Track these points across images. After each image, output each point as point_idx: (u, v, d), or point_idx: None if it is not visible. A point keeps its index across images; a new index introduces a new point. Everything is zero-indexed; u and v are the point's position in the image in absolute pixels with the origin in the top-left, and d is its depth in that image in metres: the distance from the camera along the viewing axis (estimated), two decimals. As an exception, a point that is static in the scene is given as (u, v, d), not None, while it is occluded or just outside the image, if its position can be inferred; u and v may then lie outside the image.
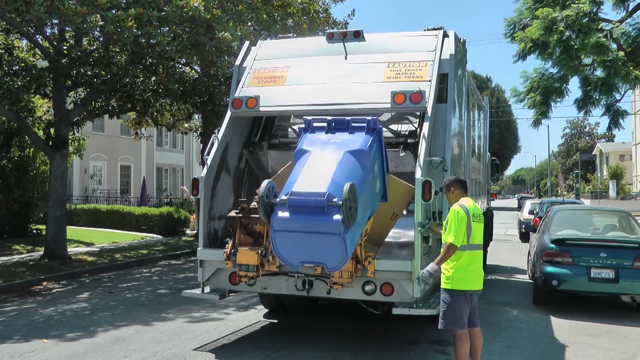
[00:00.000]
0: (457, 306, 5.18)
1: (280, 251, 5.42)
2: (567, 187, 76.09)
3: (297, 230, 5.25)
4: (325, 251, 5.29)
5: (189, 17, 11.25)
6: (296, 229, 5.25)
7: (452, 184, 5.60)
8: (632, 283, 8.31)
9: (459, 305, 5.19)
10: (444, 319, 5.23)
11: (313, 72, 7.32)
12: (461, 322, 5.20)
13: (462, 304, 5.20)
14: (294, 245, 5.35)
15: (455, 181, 5.63)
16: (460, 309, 5.19)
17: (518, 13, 17.64)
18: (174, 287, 10.78)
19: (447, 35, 7.31)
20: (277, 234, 5.34)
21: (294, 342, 6.79)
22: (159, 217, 20.80)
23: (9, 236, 17.60)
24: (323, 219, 5.11)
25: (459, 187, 5.56)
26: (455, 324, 5.20)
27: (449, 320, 5.21)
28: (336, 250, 5.23)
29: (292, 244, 5.35)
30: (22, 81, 11.98)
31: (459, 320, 5.19)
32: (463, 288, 5.19)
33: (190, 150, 44.46)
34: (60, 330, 7.56)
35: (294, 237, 5.30)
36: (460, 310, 5.19)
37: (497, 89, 69.27)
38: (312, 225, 5.18)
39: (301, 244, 5.31)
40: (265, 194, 5.40)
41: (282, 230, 5.32)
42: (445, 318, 5.22)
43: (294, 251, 5.40)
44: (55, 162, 13.67)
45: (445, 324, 5.23)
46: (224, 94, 15.25)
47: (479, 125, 11.15)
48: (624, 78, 15.65)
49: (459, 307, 5.19)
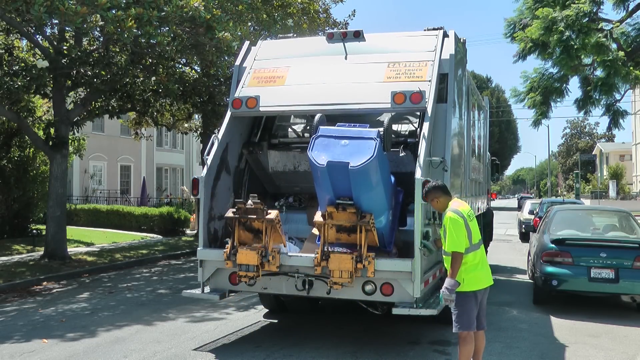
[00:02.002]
0: (469, 308, 5.16)
1: (314, 152, 5.84)
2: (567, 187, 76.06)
3: (339, 134, 5.94)
4: (354, 154, 5.70)
5: (189, 17, 11.25)
6: (338, 134, 5.95)
7: (433, 194, 5.37)
8: (632, 283, 8.30)
9: (471, 307, 5.18)
10: (459, 322, 5.17)
11: (313, 72, 7.31)
12: (474, 324, 5.21)
13: (473, 305, 5.19)
14: (329, 146, 5.85)
15: (435, 189, 5.38)
16: (472, 311, 5.18)
17: (518, 13, 17.62)
18: (174, 287, 10.78)
19: (447, 35, 7.30)
20: (319, 138, 5.94)
21: (294, 342, 6.79)
22: (159, 217, 20.81)
23: (9, 236, 17.60)
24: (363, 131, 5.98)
25: (441, 194, 5.37)
26: (469, 326, 5.18)
27: (463, 323, 5.16)
28: (366, 151, 5.70)
29: (328, 145, 5.87)
30: (22, 81, 11.97)
31: (472, 322, 5.19)
32: (475, 288, 5.18)
33: (190, 150, 44.46)
34: (60, 330, 7.56)
35: (333, 140, 5.89)
36: (472, 312, 5.18)
37: (497, 89, 69.19)
38: (353, 132, 5.96)
39: (336, 147, 5.83)
40: (319, 122, 6.47)
41: (324, 136, 5.96)
42: (460, 321, 5.16)
43: (325, 152, 5.79)
44: (55, 162, 13.67)
45: (460, 327, 5.17)
46: (224, 94, 15.25)
47: (479, 125, 11.14)
48: (624, 78, 15.63)
49: (471, 308, 5.17)
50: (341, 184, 5.70)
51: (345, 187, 5.70)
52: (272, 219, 6.05)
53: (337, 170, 5.65)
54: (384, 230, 6.16)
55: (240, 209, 6.15)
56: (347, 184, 5.68)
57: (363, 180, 5.68)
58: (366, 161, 5.60)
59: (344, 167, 5.60)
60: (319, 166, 5.71)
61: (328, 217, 5.86)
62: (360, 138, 5.87)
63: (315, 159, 5.78)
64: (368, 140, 5.81)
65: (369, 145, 5.75)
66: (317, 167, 5.74)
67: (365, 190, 5.74)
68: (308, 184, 7.00)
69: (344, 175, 5.63)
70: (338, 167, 5.64)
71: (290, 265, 6.21)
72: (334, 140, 5.91)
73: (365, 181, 5.70)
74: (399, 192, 6.54)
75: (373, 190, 5.84)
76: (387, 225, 6.23)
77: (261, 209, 6.06)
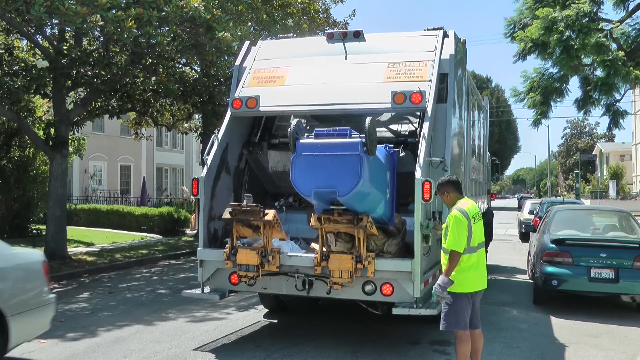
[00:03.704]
0: (459, 307, 5.16)
1: (297, 177, 5.67)
2: (567, 187, 76.07)
3: (318, 152, 5.65)
4: (340, 174, 5.50)
5: (189, 17, 11.24)
6: (318, 151, 5.66)
7: (445, 187, 5.42)
8: (632, 283, 8.31)
9: (461, 307, 5.17)
10: (446, 320, 5.21)
11: (313, 72, 7.31)
12: (463, 323, 5.19)
13: (464, 305, 5.19)
14: (311, 169, 5.63)
15: (448, 183, 5.43)
16: (462, 310, 5.17)
17: (518, 13, 17.61)
18: (174, 287, 10.79)
19: (447, 35, 7.30)
20: (298, 159, 5.69)
21: (294, 342, 6.79)
22: (159, 217, 20.81)
23: (9, 236, 17.54)
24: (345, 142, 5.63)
25: (453, 190, 5.40)
26: (457, 325, 5.18)
27: (450, 322, 5.20)
28: (351, 172, 5.48)
29: (310, 167, 5.64)
30: (22, 81, 11.97)
31: (460, 321, 5.18)
32: (465, 290, 5.18)
33: (190, 150, 44.45)
34: (60, 330, 7.55)
35: (314, 160, 5.64)
36: (462, 312, 5.18)
37: (497, 89, 69.21)
38: (334, 146, 5.64)
39: (318, 168, 5.60)
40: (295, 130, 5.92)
41: (304, 154, 5.69)
42: (447, 319, 5.20)
43: (309, 177, 5.63)
44: (55, 162, 13.67)
45: (447, 325, 5.21)
46: (224, 94, 15.24)
47: (479, 125, 11.15)
48: (624, 78, 15.63)
49: (460, 308, 5.17)
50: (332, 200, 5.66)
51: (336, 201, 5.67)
52: (269, 220, 6.04)
53: (326, 196, 5.62)
54: (384, 214, 6.15)
55: (236, 210, 6.13)
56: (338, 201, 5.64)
57: (355, 199, 5.64)
58: (354, 186, 5.47)
59: (332, 193, 5.53)
60: (306, 197, 5.70)
61: (325, 222, 5.85)
62: (342, 154, 5.59)
63: (299, 188, 5.68)
64: (352, 157, 5.54)
65: (354, 162, 5.51)
66: (304, 196, 5.71)
67: (358, 201, 5.71)
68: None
69: (334, 197, 5.59)
70: (326, 194, 5.59)
71: (290, 265, 6.21)
72: (314, 159, 5.65)
73: (357, 198, 5.65)
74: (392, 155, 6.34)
75: (367, 198, 5.78)
76: (386, 208, 6.18)
77: (257, 210, 6.03)
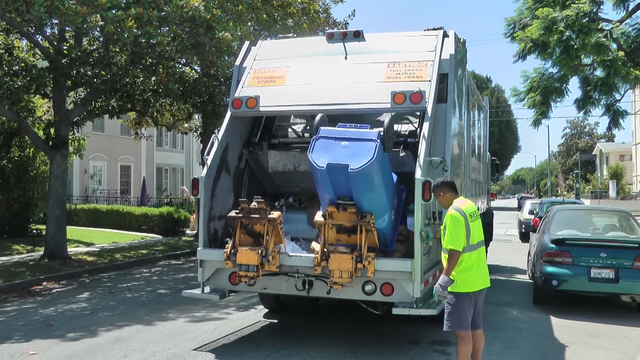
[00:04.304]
0: (461, 307, 5.16)
1: (314, 153, 5.88)
2: (567, 187, 76.05)
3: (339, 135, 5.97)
4: (355, 154, 5.73)
5: (189, 17, 11.25)
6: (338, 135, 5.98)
7: (440, 188, 5.48)
8: (632, 283, 8.31)
9: (464, 307, 5.17)
10: (449, 320, 5.20)
11: (313, 72, 7.31)
12: (465, 324, 5.19)
13: (466, 305, 5.19)
14: (329, 147, 5.88)
15: (443, 184, 5.49)
16: (464, 310, 5.17)
17: (518, 13, 17.63)
18: (174, 287, 10.78)
19: (447, 35, 7.30)
20: (319, 139, 5.97)
21: (294, 342, 6.79)
22: (159, 217, 20.81)
23: (9, 236, 17.60)
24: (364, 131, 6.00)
25: (448, 190, 5.45)
26: (460, 325, 5.18)
27: (453, 322, 5.18)
28: (366, 153, 5.71)
29: (328, 146, 5.89)
30: (22, 81, 11.97)
31: (463, 322, 5.18)
32: (468, 290, 5.18)
33: (190, 150, 44.46)
34: (60, 330, 7.56)
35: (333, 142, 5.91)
36: (465, 312, 5.17)
37: (497, 89, 69.16)
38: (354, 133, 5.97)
39: (336, 148, 5.86)
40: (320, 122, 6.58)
41: (324, 136, 5.99)
42: (451, 319, 5.19)
43: (326, 153, 5.82)
44: (55, 162, 13.68)
45: (451, 325, 5.20)
46: (224, 94, 15.25)
47: (479, 125, 11.14)
48: (624, 78, 15.64)
49: (463, 308, 5.17)
50: (341, 185, 5.73)
51: (345, 188, 5.73)
52: (274, 218, 6.07)
53: (337, 172, 5.68)
54: (385, 230, 6.17)
55: (244, 209, 6.17)
56: (347, 185, 5.71)
57: (363, 182, 5.71)
58: (366, 163, 5.62)
59: (343, 169, 5.63)
60: (319, 168, 5.75)
61: (329, 217, 5.87)
62: (360, 139, 5.88)
63: (315, 161, 5.81)
64: (368, 142, 5.81)
65: (369, 147, 5.76)
66: (317, 169, 5.77)
67: (365, 191, 5.77)
68: (308, 184, 7.00)
69: (344, 177, 5.66)
70: (338, 169, 5.67)
71: (290, 265, 6.21)
72: (334, 142, 5.92)
73: (365, 182, 5.73)
74: (402, 191, 6.56)
75: (374, 191, 5.86)
76: (389, 226, 6.24)
77: (264, 209, 6.11)
